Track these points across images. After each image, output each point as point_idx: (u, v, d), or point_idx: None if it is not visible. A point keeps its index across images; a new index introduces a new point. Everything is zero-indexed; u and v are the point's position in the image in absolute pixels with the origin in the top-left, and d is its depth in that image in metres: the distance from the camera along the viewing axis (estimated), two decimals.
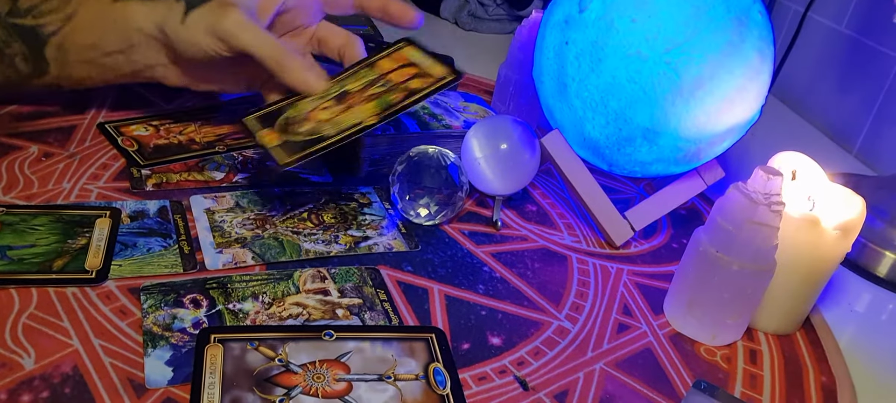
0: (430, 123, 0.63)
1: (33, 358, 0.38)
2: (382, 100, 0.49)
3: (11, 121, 0.59)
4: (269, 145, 0.48)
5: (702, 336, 0.49)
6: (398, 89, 0.50)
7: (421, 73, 0.51)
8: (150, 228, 0.49)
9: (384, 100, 0.49)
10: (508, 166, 0.58)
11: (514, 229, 0.58)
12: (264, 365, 0.39)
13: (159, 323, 0.41)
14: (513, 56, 0.72)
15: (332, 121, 0.49)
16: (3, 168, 0.53)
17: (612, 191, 0.66)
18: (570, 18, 0.55)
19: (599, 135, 0.56)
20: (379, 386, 0.39)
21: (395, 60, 0.53)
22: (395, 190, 0.55)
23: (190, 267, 0.46)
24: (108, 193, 0.52)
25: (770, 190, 0.45)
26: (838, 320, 0.55)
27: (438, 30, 1.08)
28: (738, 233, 0.46)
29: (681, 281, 0.50)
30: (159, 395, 0.37)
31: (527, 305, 0.50)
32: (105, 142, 0.59)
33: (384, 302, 0.46)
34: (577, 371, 0.45)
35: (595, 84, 0.53)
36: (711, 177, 0.61)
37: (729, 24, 0.51)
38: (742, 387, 0.46)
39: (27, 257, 0.44)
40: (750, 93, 0.53)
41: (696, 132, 0.53)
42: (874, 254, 0.63)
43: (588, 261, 0.56)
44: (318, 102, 0.51)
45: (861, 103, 0.90)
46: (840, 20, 0.96)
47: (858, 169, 0.86)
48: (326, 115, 0.49)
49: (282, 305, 0.45)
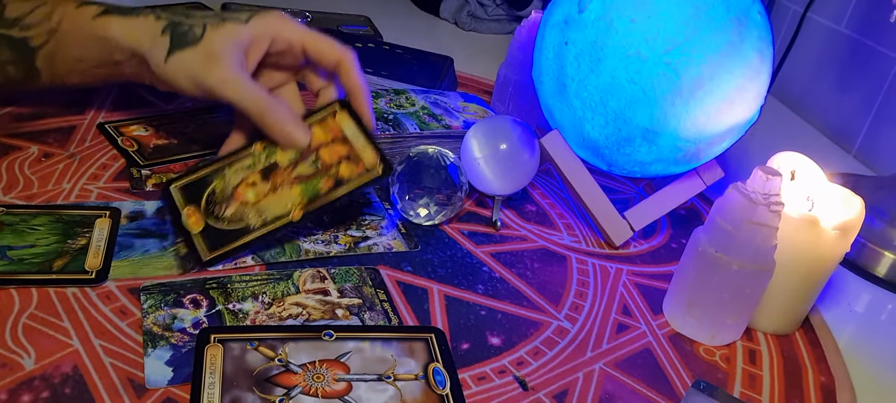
0: (430, 123, 0.64)
1: (33, 358, 0.38)
2: (309, 185, 0.50)
3: (11, 122, 0.59)
4: (193, 231, 0.48)
5: (701, 336, 0.49)
6: (327, 175, 0.50)
7: (351, 157, 0.51)
8: (147, 229, 0.49)
9: (312, 186, 0.50)
10: (508, 166, 0.58)
11: (514, 229, 0.58)
12: (264, 365, 0.39)
13: (159, 323, 0.42)
14: (512, 56, 0.72)
15: (257, 206, 0.49)
16: (3, 168, 0.53)
17: (611, 191, 0.66)
18: (570, 19, 0.55)
19: (599, 136, 0.56)
20: (378, 386, 0.40)
21: (328, 130, 0.53)
22: (394, 190, 0.55)
23: (188, 268, 0.46)
24: (108, 193, 0.53)
25: (769, 190, 0.45)
26: (837, 320, 0.55)
27: (438, 30, 1.08)
28: (737, 233, 0.46)
29: (680, 281, 0.50)
30: (159, 395, 0.37)
31: (526, 305, 0.50)
32: (105, 143, 0.59)
33: (384, 302, 0.46)
34: (577, 371, 0.45)
35: (594, 84, 0.53)
36: (711, 177, 0.61)
37: (728, 24, 0.51)
38: (741, 387, 0.46)
39: (27, 257, 0.44)
40: (749, 94, 0.53)
41: (695, 132, 0.54)
42: (873, 254, 0.63)
43: (587, 261, 0.56)
44: (246, 174, 0.51)
45: (860, 103, 0.90)
46: (839, 20, 0.96)
47: (857, 169, 0.86)
48: (252, 196, 0.50)
49: (282, 305, 0.45)
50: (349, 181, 0.50)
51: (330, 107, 0.54)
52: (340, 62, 0.54)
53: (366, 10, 1.04)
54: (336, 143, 0.52)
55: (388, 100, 0.67)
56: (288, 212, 0.49)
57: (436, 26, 1.09)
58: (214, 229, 0.49)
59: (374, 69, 0.77)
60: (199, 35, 0.51)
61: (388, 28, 0.98)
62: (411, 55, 0.85)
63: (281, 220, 0.49)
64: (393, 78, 0.76)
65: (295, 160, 0.51)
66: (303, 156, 0.52)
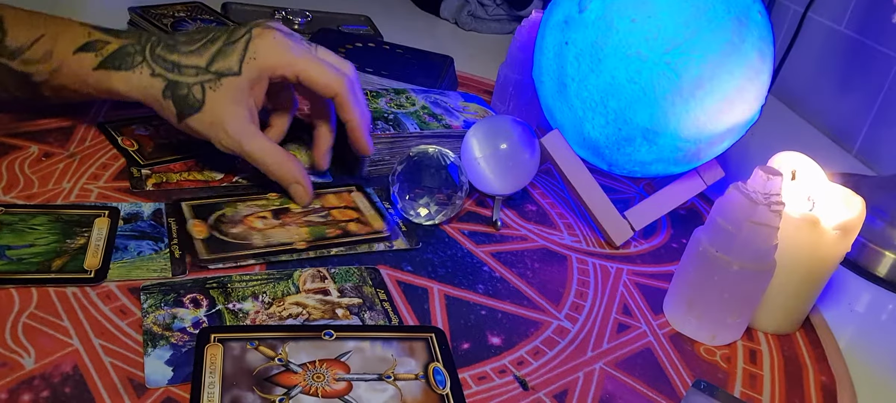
0: (430, 123, 0.64)
1: (33, 358, 0.38)
2: (317, 229, 0.52)
3: (11, 121, 0.59)
4: (196, 235, 0.49)
5: (701, 335, 0.49)
6: (336, 226, 0.52)
7: (361, 221, 0.54)
8: (142, 231, 0.49)
9: (319, 229, 0.52)
10: (508, 166, 0.58)
11: (514, 229, 0.58)
12: (264, 365, 0.39)
13: (159, 322, 0.41)
14: (513, 56, 0.72)
15: (263, 232, 0.50)
16: (4, 168, 0.53)
17: (611, 190, 0.66)
18: (570, 19, 0.55)
19: (599, 135, 0.56)
20: (379, 386, 0.39)
21: (341, 200, 0.56)
22: (395, 189, 0.55)
23: (179, 272, 0.46)
24: (108, 193, 0.52)
25: (770, 190, 0.45)
26: (838, 320, 0.55)
27: (438, 30, 1.08)
28: (737, 233, 0.46)
29: (681, 281, 0.50)
30: (159, 395, 0.37)
31: (526, 305, 0.50)
32: (105, 142, 0.59)
33: (384, 302, 0.46)
34: (577, 371, 0.45)
35: (595, 84, 0.53)
36: (711, 176, 0.61)
37: (729, 24, 0.51)
38: (742, 387, 0.46)
39: (26, 257, 0.44)
40: (750, 94, 0.53)
41: (695, 132, 0.53)
42: (874, 254, 0.63)
43: (588, 261, 0.56)
44: (257, 210, 0.53)
45: (861, 103, 0.90)
46: (840, 20, 0.96)
47: (858, 169, 0.86)
48: (260, 225, 0.51)
49: (282, 305, 0.45)
50: (356, 235, 0.52)
51: (347, 187, 0.58)
52: (336, 96, 0.53)
53: (366, 10, 1.04)
54: (348, 210, 0.55)
55: (388, 99, 0.67)
56: (292, 243, 0.50)
57: (436, 26, 1.09)
58: (217, 239, 0.49)
59: (375, 69, 0.77)
60: (200, 100, 0.51)
61: (388, 28, 0.98)
62: (412, 55, 0.85)
63: (283, 247, 0.50)
64: (393, 77, 0.76)
65: (307, 210, 0.54)
66: (314, 211, 0.54)
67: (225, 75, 0.51)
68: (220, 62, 0.52)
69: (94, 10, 0.53)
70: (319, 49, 0.56)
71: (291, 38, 0.53)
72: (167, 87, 0.52)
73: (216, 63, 0.52)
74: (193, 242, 0.48)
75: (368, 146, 0.56)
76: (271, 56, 0.52)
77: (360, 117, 0.54)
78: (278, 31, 0.53)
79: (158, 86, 0.52)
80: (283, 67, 0.52)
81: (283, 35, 0.53)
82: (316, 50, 0.55)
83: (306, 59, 0.53)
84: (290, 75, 0.52)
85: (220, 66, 0.51)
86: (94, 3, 0.92)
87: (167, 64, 0.52)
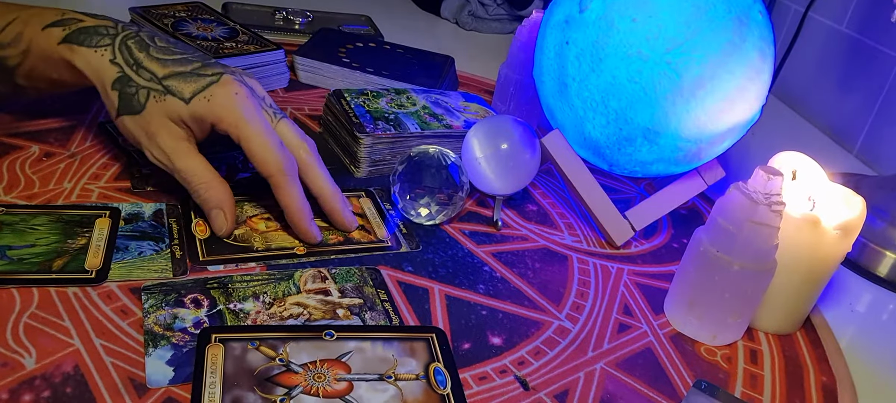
0: (431, 123, 0.64)
1: (34, 358, 0.38)
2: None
3: (12, 121, 0.59)
4: (198, 236, 0.50)
5: (702, 335, 0.49)
6: (338, 233, 0.53)
7: (366, 228, 0.54)
8: (143, 231, 0.49)
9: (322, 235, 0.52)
10: (509, 166, 0.58)
11: (515, 229, 0.58)
12: (265, 365, 0.39)
13: (160, 322, 0.41)
14: (513, 56, 0.72)
15: (265, 236, 0.51)
16: (4, 168, 0.53)
17: (612, 190, 0.66)
18: (571, 18, 0.55)
19: (600, 135, 0.56)
20: (379, 386, 0.39)
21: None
22: (395, 190, 0.55)
23: (179, 273, 0.46)
24: (109, 193, 0.52)
25: (770, 189, 0.45)
26: (839, 320, 0.55)
27: (439, 30, 1.08)
28: (738, 233, 0.46)
29: (681, 281, 0.50)
30: (160, 395, 0.37)
31: (527, 305, 0.50)
32: (106, 142, 0.59)
33: (385, 302, 0.46)
34: (578, 371, 0.45)
35: (595, 84, 0.53)
36: (712, 176, 0.61)
37: (729, 23, 0.51)
38: (742, 387, 0.46)
39: (27, 257, 0.44)
40: (750, 93, 0.53)
41: (696, 132, 0.53)
42: (875, 254, 0.63)
43: (588, 261, 0.56)
44: (260, 211, 0.53)
45: (861, 103, 0.90)
46: (840, 20, 0.96)
47: (859, 168, 0.86)
48: (262, 227, 0.51)
49: (282, 305, 0.45)
50: (358, 242, 0.52)
51: (356, 192, 0.58)
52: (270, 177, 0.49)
53: (367, 10, 1.04)
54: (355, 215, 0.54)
55: (388, 99, 0.67)
56: (292, 248, 0.50)
57: (437, 26, 1.09)
58: (219, 241, 0.49)
59: (375, 69, 0.77)
60: (141, 104, 0.49)
61: (388, 27, 0.98)
62: (412, 55, 0.85)
63: (283, 252, 0.50)
64: (394, 77, 0.76)
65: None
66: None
67: (173, 95, 0.49)
68: (176, 83, 0.50)
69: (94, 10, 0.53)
70: (282, 121, 0.52)
71: (252, 99, 0.51)
72: (118, 80, 0.50)
73: (172, 80, 0.50)
74: (195, 243, 0.49)
75: (344, 221, 0.52)
76: (222, 107, 0.49)
77: (298, 205, 0.50)
78: (243, 89, 0.50)
79: (111, 74, 0.50)
80: (227, 124, 0.49)
81: (246, 94, 0.50)
82: (278, 120, 0.52)
83: (253, 127, 0.49)
84: (233, 135, 0.50)
85: (173, 84, 0.50)
86: (95, 4, 0.92)
87: (130, 58, 0.51)
